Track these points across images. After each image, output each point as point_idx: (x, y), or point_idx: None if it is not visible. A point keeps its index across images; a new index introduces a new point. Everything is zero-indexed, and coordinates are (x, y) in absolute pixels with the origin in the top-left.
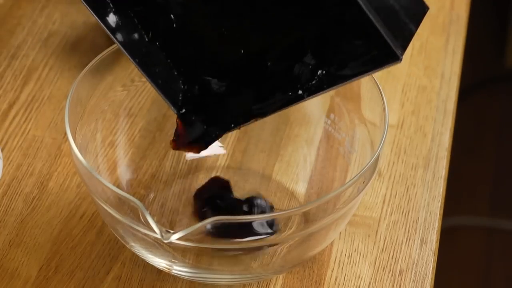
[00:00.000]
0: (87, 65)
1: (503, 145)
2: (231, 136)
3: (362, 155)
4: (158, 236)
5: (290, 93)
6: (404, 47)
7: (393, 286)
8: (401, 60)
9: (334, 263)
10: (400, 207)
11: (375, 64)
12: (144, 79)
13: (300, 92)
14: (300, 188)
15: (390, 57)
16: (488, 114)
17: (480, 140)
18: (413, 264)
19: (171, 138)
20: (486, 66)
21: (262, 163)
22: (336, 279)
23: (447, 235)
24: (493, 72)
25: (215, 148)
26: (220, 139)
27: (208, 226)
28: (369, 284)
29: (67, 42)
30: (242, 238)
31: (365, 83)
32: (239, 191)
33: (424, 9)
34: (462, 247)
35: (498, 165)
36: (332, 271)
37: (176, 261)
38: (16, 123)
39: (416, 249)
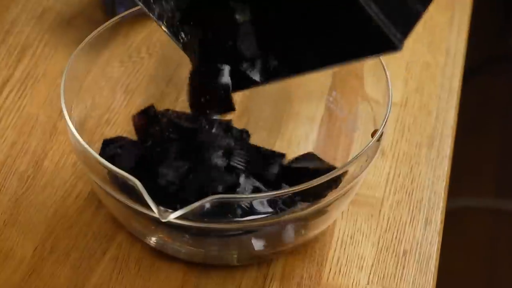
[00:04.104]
0: (83, 40)
1: (509, 124)
2: (231, 113)
3: (365, 133)
4: (156, 215)
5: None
6: (405, 33)
7: (396, 266)
8: (401, 48)
9: (337, 243)
10: (404, 187)
11: (372, 50)
12: (142, 55)
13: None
14: None
15: (387, 45)
16: (494, 93)
17: (486, 119)
18: (417, 244)
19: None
20: (492, 44)
21: (263, 141)
22: (338, 260)
23: (452, 217)
24: (499, 50)
25: None
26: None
27: (207, 205)
28: (372, 265)
29: (62, 18)
30: (242, 217)
31: (368, 60)
32: None
33: None
34: (467, 229)
35: (503, 145)
36: (335, 251)
37: (174, 240)
38: (10, 100)
39: (420, 230)
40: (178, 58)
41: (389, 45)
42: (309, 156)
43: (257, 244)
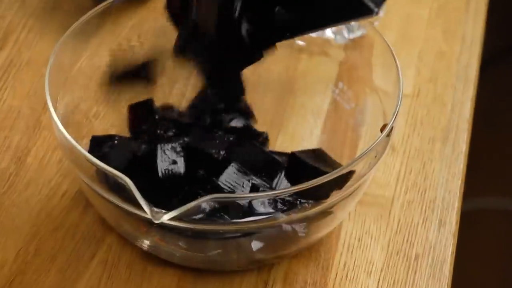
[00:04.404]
0: (70, 27)
1: None
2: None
3: (373, 127)
4: (148, 216)
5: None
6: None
7: (407, 271)
8: (377, 12)
9: (343, 246)
10: (416, 185)
11: (352, 15)
12: (133, 43)
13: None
14: None
15: (364, 10)
16: None
17: (505, 112)
18: (430, 248)
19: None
20: (511, 31)
21: None
22: (345, 264)
23: (468, 218)
24: None
25: None
26: None
27: (203, 205)
28: (382, 270)
29: (47, 2)
30: (241, 218)
31: (377, 48)
32: None
33: None
34: (484, 231)
35: None
36: (341, 255)
37: (167, 243)
38: None
39: (434, 232)
40: (171, 46)
41: (366, 10)
42: (318, 153)
43: (257, 247)
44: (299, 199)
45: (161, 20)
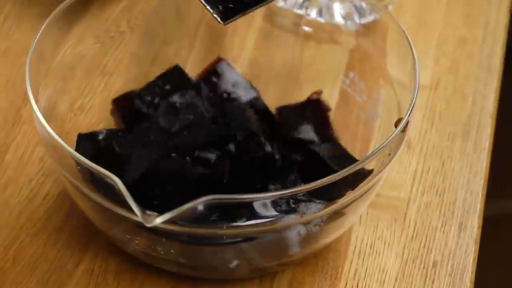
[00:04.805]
0: (51, 12)
1: None
2: None
3: (387, 121)
4: (139, 219)
5: None
6: None
7: (425, 281)
8: None
9: (353, 253)
10: (434, 186)
11: None
12: (122, 29)
13: None
14: None
15: None
16: None
17: None
18: (450, 254)
19: None
20: None
21: None
22: (355, 273)
23: (491, 222)
24: None
25: None
26: None
27: (200, 207)
28: (396, 279)
29: None
30: (241, 221)
31: (391, 34)
32: None
33: None
34: (509, 237)
35: None
36: (351, 263)
37: (160, 249)
38: None
39: (453, 237)
40: (164, 32)
41: None
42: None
43: (259, 254)
44: (305, 201)
45: (154, 2)
